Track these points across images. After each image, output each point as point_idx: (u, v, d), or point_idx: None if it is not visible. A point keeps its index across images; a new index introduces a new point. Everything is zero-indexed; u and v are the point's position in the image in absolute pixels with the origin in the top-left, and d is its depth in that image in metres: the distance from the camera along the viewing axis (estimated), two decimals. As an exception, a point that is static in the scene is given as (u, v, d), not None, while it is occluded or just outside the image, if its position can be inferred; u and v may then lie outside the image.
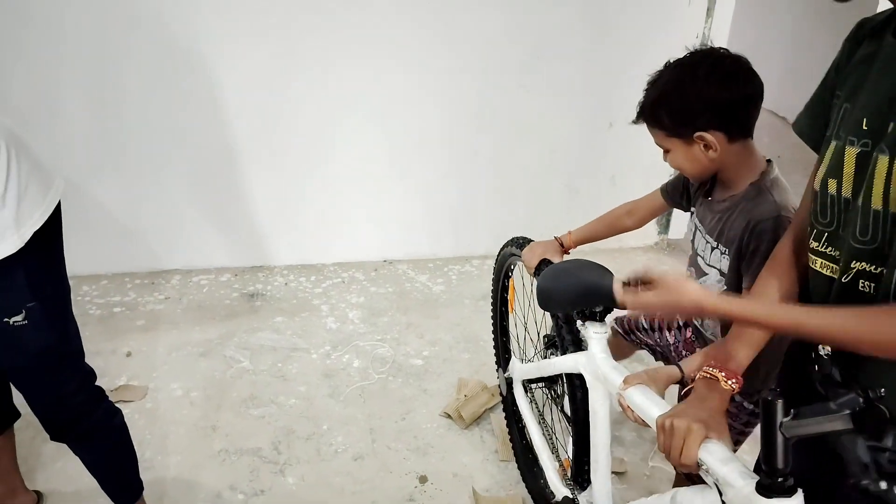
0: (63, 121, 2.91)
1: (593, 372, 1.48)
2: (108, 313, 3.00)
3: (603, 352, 1.47)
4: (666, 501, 1.17)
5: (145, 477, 2.19)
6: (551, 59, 3.14)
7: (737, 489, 0.96)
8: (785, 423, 0.87)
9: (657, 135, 1.44)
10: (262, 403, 2.51)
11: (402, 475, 2.23)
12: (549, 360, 1.78)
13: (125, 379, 2.61)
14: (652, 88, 1.42)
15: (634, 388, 1.30)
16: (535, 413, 2.01)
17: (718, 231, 1.48)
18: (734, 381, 1.12)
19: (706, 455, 1.03)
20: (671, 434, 1.07)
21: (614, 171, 3.45)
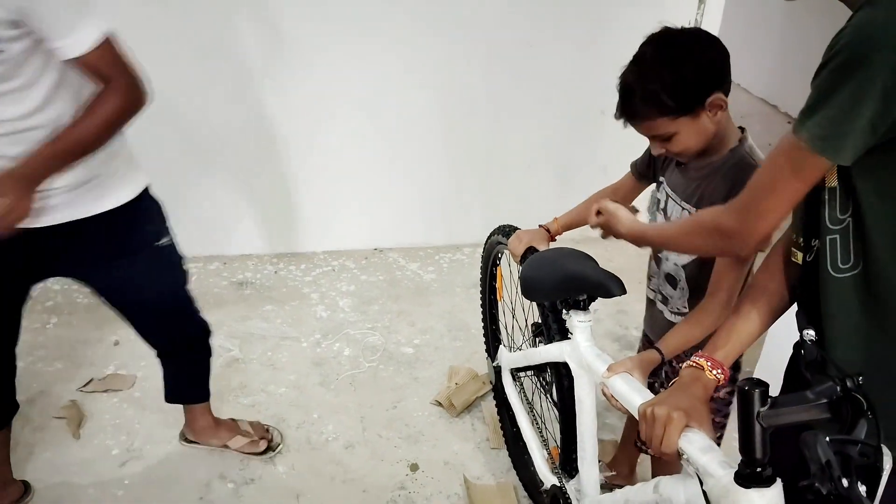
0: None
1: (578, 360, 1.47)
2: (95, 302, 2.93)
3: (587, 340, 1.46)
4: (649, 490, 1.17)
5: (135, 466, 2.18)
6: (543, 47, 3.12)
7: (716, 479, 0.95)
8: (762, 412, 0.86)
9: (660, 125, 1.36)
10: (252, 392, 2.50)
11: (393, 463, 2.23)
12: (535, 349, 1.77)
13: (113, 368, 2.59)
14: (638, 82, 1.35)
15: (617, 376, 1.29)
16: (524, 401, 2.00)
17: (698, 196, 1.47)
18: (719, 371, 1.11)
19: (686, 444, 1.02)
20: (652, 422, 1.06)
21: (606, 161, 3.42)
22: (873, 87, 0.84)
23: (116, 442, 2.27)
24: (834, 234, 0.98)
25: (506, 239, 1.86)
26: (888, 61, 0.82)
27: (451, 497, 2.11)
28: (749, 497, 0.89)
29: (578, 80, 3.22)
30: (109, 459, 2.21)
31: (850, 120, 0.87)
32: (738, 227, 1.07)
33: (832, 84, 0.88)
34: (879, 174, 0.92)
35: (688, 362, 1.14)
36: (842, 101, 0.87)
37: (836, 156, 0.91)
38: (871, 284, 0.97)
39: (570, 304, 1.48)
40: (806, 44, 5.08)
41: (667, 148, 1.41)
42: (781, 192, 0.99)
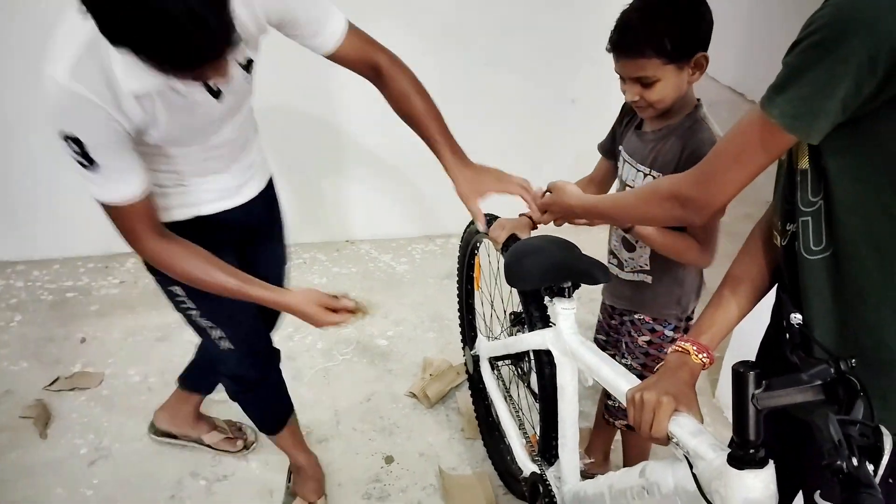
0: (12, 102, 2.80)
1: (561, 348, 1.47)
2: (60, 299, 2.91)
3: (571, 327, 1.47)
4: (635, 475, 1.17)
5: (104, 465, 2.14)
6: (513, 36, 3.11)
7: (707, 461, 0.95)
8: (756, 394, 0.87)
9: (650, 66, 1.38)
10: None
11: (368, 456, 2.21)
12: (516, 337, 1.77)
13: (80, 366, 2.54)
14: (645, 19, 1.36)
15: (604, 363, 1.29)
16: (502, 390, 2.00)
17: (652, 158, 1.52)
18: (705, 355, 1.11)
19: (676, 428, 1.02)
20: (641, 407, 1.07)
21: (578, 149, 3.43)
22: (848, 67, 0.84)
23: (84, 441, 2.23)
24: (806, 216, 0.99)
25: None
26: (865, 43, 0.83)
27: (426, 488, 2.11)
28: (743, 478, 0.89)
29: (549, 68, 3.22)
30: (78, 459, 2.16)
31: (823, 99, 0.87)
32: (697, 196, 1.08)
33: (806, 62, 0.88)
34: (849, 155, 0.92)
35: (673, 347, 1.14)
36: (815, 79, 0.87)
37: (807, 135, 0.92)
38: (842, 266, 0.98)
39: (553, 292, 1.48)
40: (772, 32, 5.14)
41: (642, 95, 1.43)
42: (745, 164, 1.00)
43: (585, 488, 1.43)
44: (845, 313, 1.00)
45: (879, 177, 0.91)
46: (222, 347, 1.67)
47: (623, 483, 1.22)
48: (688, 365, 1.11)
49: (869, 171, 0.91)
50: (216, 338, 1.66)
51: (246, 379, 1.78)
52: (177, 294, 1.60)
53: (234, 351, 1.68)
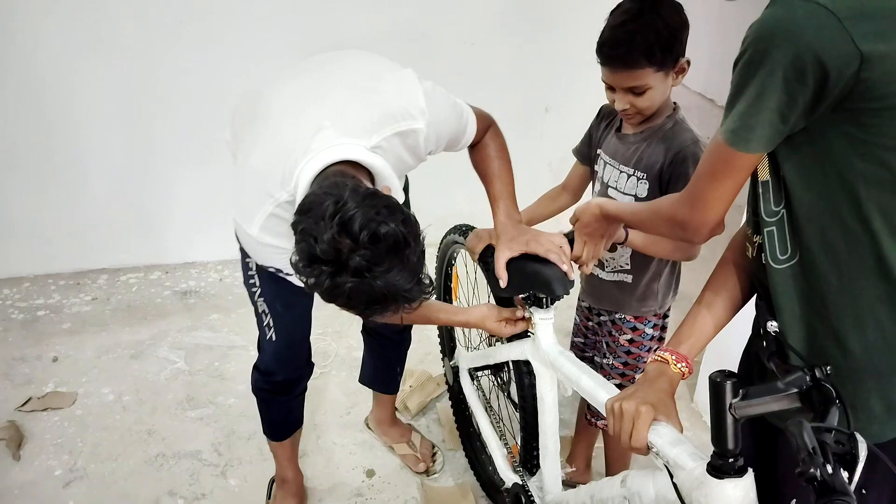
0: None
1: (540, 358, 1.47)
2: (31, 317, 2.86)
3: (549, 337, 1.47)
4: (616, 484, 1.17)
5: (79, 486, 2.10)
6: (485, 46, 3.12)
7: (687, 471, 0.96)
8: (734, 403, 0.87)
9: (643, 76, 1.43)
10: (200, 405, 2.43)
11: (349, 470, 2.20)
12: (495, 348, 1.77)
13: (52, 385, 2.49)
14: (637, 27, 1.40)
15: (583, 373, 1.30)
16: (483, 401, 2.00)
17: (636, 159, 1.58)
18: (684, 365, 1.12)
19: (656, 437, 1.03)
20: (620, 417, 1.07)
21: (551, 157, 3.45)
22: (774, 79, 0.88)
23: (59, 462, 2.18)
24: (770, 226, 1.02)
25: (462, 238, 1.85)
26: (787, 54, 0.86)
27: (408, 501, 2.09)
28: (723, 487, 0.89)
29: (521, 77, 3.23)
30: (52, 480, 2.12)
31: (756, 112, 0.91)
32: (690, 217, 1.10)
33: (741, 79, 0.93)
34: (803, 164, 0.95)
35: (652, 357, 1.15)
36: (748, 94, 0.92)
37: (747, 147, 0.95)
38: (807, 274, 1.00)
39: (531, 301, 1.48)
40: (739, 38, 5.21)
41: (633, 103, 1.48)
42: (721, 181, 1.02)
43: (568, 498, 1.43)
44: (814, 321, 1.02)
45: (831, 184, 0.93)
46: (267, 336, 1.71)
47: (605, 493, 1.22)
48: (667, 374, 1.11)
49: (821, 178, 0.94)
50: (265, 324, 1.70)
51: (275, 378, 1.78)
52: (249, 268, 1.64)
53: (275, 343, 1.71)
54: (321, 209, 1.05)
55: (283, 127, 1.32)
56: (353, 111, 1.30)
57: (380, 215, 1.05)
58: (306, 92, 1.37)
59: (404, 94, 1.34)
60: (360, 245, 1.03)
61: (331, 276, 1.05)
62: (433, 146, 1.43)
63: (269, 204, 1.28)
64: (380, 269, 1.04)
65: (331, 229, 1.03)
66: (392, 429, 2.26)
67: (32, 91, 2.76)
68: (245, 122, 1.47)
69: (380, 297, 1.07)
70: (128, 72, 2.82)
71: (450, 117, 1.44)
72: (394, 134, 1.32)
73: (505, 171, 1.58)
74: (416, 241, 1.09)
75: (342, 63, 1.46)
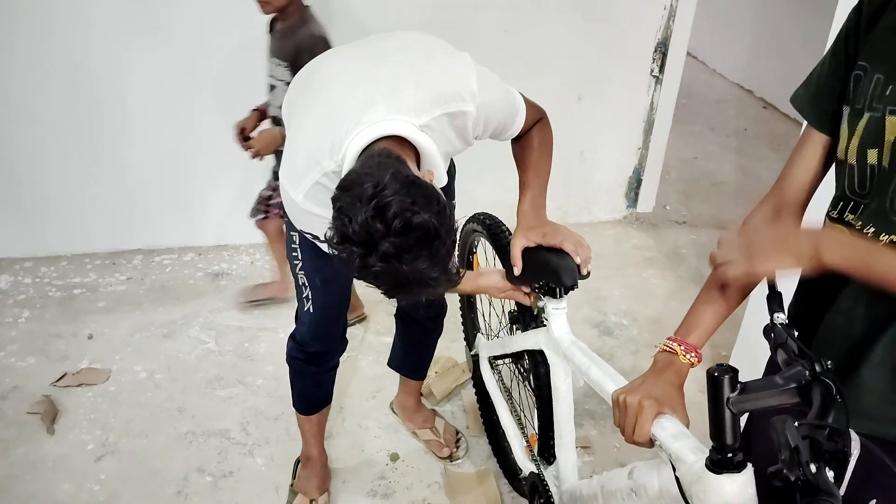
0: (18, 95, 2.81)
1: (553, 348, 1.47)
2: (68, 295, 2.92)
3: (562, 327, 1.46)
4: (623, 476, 1.17)
5: (111, 461, 2.16)
6: (518, 34, 3.10)
7: (688, 465, 0.96)
8: (732, 398, 0.87)
9: None
10: (229, 384, 2.47)
11: (374, 453, 2.22)
12: (512, 337, 1.77)
13: (87, 362, 2.55)
14: None
15: (593, 364, 1.30)
16: (502, 389, 2.00)
17: (278, 50, 2.17)
18: (693, 355, 1.10)
19: (659, 430, 1.02)
20: (624, 411, 1.06)
21: (583, 146, 3.44)
22: None
23: (91, 437, 2.24)
24: None
25: (481, 227, 1.85)
26: None
27: (431, 486, 2.11)
28: (720, 482, 0.89)
29: (554, 65, 3.20)
30: (85, 454, 2.18)
31: None
32: None
33: None
34: None
35: (660, 347, 1.14)
36: None
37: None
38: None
39: (544, 291, 1.48)
40: (780, 29, 5.11)
41: None
42: None
43: (581, 488, 1.43)
44: None
45: None
46: (305, 308, 1.75)
47: (613, 484, 1.22)
48: (675, 365, 1.10)
49: None
50: (304, 296, 1.73)
51: (310, 349, 1.82)
52: (293, 241, 1.67)
53: (313, 316, 1.74)
54: (360, 190, 1.07)
55: (336, 97, 1.34)
56: (405, 88, 1.31)
57: (416, 205, 1.06)
58: (361, 66, 1.39)
59: (457, 76, 1.36)
60: (392, 232, 1.04)
61: (361, 256, 1.07)
62: (481, 130, 1.44)
63: (315, 172, 1.31)
64: (408, 257, 1.06)
65: (366, 212, 1.05)
66: (416, 414, 2.28)
67: (73, 71, 2.81)
68: (300, 91, 1.50)
69: (405, 282, 1.09)
70: (169, 53, 2.85)
71: (500, 104, 1.44)
72: (443, 114, 1.33)
73: (542, 164, 1.58)
74: (448, 232, 1.10)
75: (398, 42, 1.47)
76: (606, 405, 2.36)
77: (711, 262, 1.07)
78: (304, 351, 1.83)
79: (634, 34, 3.21)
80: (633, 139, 3.48)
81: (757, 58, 5.41)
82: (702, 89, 5.49)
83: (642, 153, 3.52)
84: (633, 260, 3.32)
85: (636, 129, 3.45)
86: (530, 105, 1.53)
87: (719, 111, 5.17)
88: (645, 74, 3.31)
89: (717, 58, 5.88)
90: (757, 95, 5.42)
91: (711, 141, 4.68)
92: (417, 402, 2.29)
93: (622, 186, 3.62)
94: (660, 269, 3.26)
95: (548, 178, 1.58)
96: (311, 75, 1.49)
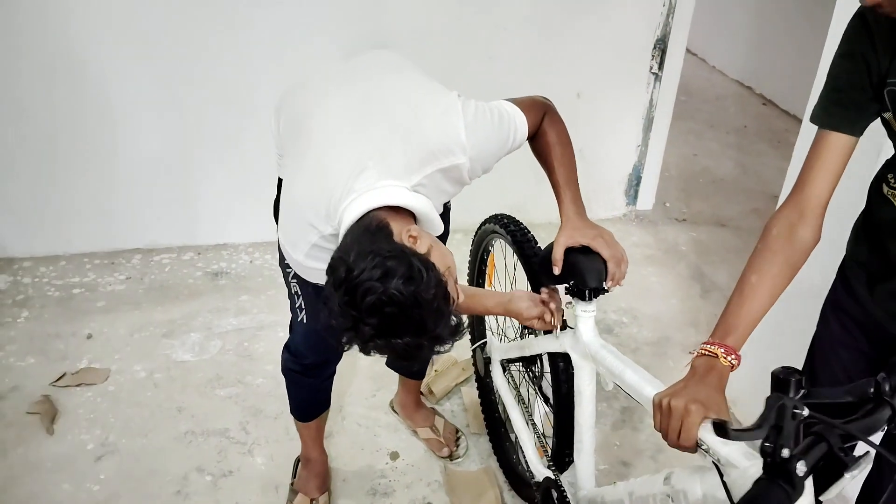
0: (16, 95, 2.81)
1: (580, 351, 1.45)
2: (67, 294, 2.92)
3: (591, 331, 1.45)
4: (659, 482, 1.14)
5: (111, 460, 2.15)
6: (518, 29, 3.09)
7: (741, 470, 0.92)
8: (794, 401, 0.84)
9: None
10: (229, 384, 2.47)
11: (373, 452, 2.22)
12: (531, 339, 1.75)
13: (86, 362, 2.54)
14: None
15: (627, 367, 1.29)
16: (514, 393, 1.98)
17: None
18: (733, 357, 1.09)
19: (706, 434, 0.99)
20: (668, 414, 1.04)
21: (582, 144, 3.42)
22: None
23: (91, 436, 2.24)
24: None
25: (500, 228, 1.83)
26: None
27: (431, 484, 2.11)
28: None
29: (553, 62, 3.20)
30: (84, 454, 2.17)
31: None
32: None
33: None
34: None
35: (699, 350, 1.13)
36: None
37: None
38: None
39: (573, 292, 1.46)
40: (780, 26, 5.10)
41: None
42: None
43: (603, 494, 1.40)
44: None
45: None
46: (298, 318, 1.74)
47: (645, 490, 1.19)
48: (716, 369, 1.08)
49: None
50: (297, 306, 1.72)
51: (305, 360, 1.81)
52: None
53: (306, 326, 1.73)
54: (336, 276, 1.11)
55: (326, 159, 1.34)
56: (394, 151, 1.31)
57: (386, 277, 1.06)
58: (350, 122, 1.38)
59: (446, 131, 1.34)
60: (365, 314, 1.07)
61: (353, 340, 1.11)
62: (479, 173, 1.43)
63: (313, 235, 1.33)
64: (392, 332, 1.08)
65: (341, 299, 1.08)
66: (416, 413, 2.28)
67: (69, 73, 2.80)
68: (290, 136, 1.50)
69: (403, 351, 1.11)
70: (163, 55, 2.84)
71: (493, 141, 1.42)
72: (436, 171, 1.34)
73: (567, 157, 1.55)
74: (428, 291, 1.09)
75: (385, 90, 1.44)
76: (605, 403, 2.37)
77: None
78: (298, 362, 1.82)
79: (633, 31, 3.20)
80: (632, 136, 3.47)
81: (756, 54, 5.40)
82: (701, 86, 5.48)
83: (642, 150, 3.52)
84: (633, 257, 3.31)
85: (635, 126, 3.44)
86: (527, 107, 1.50)
87: (719, 108, 5.16)
88: (644, 71, 3.30)
89: (716, 55, 5.87)
90: (756, 92, 5.41)
91: (711, 138, 4.67)
92: (417, 400, 2.29)
93: (622, 184, 3.61)
94: (659, 266, 3.25)
95: (576, 171, 1.56)
96: (301, 121, 1.45)
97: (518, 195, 3.10)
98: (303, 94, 1.54)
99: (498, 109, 1.44)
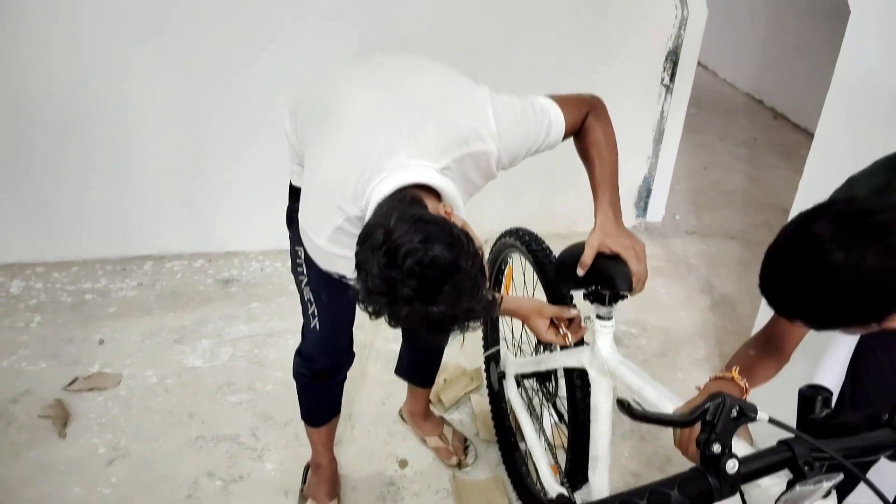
0: (29, 102, 2.84)
1: (598, 367, 1.45)
2: (79, 300, 2.94)
3: (609, 346, 1.44)
4: None
5: (122, 465, 2.17)
6: (530, 36, 3.11)
7: (763, 488, 0.91)
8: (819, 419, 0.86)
9: None
10: (239, 390, 2.48)
11: (382, 459, 2.22)
12: (547, 354, 1.74)
13: (98, 367, 2.56)
14: None
15: (646, 384, 1.29)
16: (528, 409, 1.98)
17: None
18: (745, 381, 1.13)
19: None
20: (689, 431, 1.05)
21: (592, 154, 3.43)
22: None
23: (102, 441, 2.25)
24: None
25: (518, 242, 1.83)
26: None
27: (439, 492, 2.11)
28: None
29: (566, 69, 3.21)
30: (96, 458, 2.19)
31: None
32: None
33: None
34: None
35: (713, 376, 1.16)
36: None
37: None
38: None
39: (592, 297, 1.45)
40: (791, 40, 5.11)
41: None
42: None
43: None
44: None
45: None
46: (311, 325, 1.75)
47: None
48: (734, 386, 1.12)
49: None
50: (310, 313, 1.73)
51: (316, 365, 1.82)
52: (297, 256, 1.68)
53: (318, 332, 1.74)
54: (372, 240, 1.08)
55: (356, 141, 1.33)
56: (425, 133, 1.32)
57: (428, 241, 1.05)
58: (380, 106, 1.37)
59: (476, 117, 1.35)
60: (406, 275, 1.05)
61: (386, 305, 1.08)
62: (507, 164, 1.43)
63: (338, 217, 1.32)
64: (430, 296, 1.06)
65: (379, 261, 1.06)
66: (425, 422, 2.28)
67: (81, 76, 2.83)
68: (314, 124, 1.47)
69: (437, 322, 1.09)
70: (177, 62, 2.87)
71: (524, 133, 1.41)
72: (464, 155, 1.34)
73: (610, 157, 1.52)
74: (468, 260, 1.08)
75: (415, 78, 1.45)
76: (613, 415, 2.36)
77: None
78: (310, 368, 1.82)
79: (645, 43, 3.22)
80: (643, 148, 3.48)
81: (767, 67, 5.41)
82: (712, 99, 5.49)
83: (652, 162, 3.53)
84: (643, 269, 3.31)
85: (646, 138, 3.45)
86: (568, 104, 1.48)
87: (729, 121, 5.17)
88: (655, 83, 3.32)
89: (727, 67, 5.89)
90: (767, 105, 5.42)
91: (721, 150, 4.67)
92: (426, 409, 2.29)
93: (632, 196, 3.62)
94: (669, 278, 3.25)
95: (617, 171, 1.53)
96: (327, 108, 1.45)
97: (528, 207, 3.11)
98: (326, 87, 1.53)
99: (532, 103, 1.43)
